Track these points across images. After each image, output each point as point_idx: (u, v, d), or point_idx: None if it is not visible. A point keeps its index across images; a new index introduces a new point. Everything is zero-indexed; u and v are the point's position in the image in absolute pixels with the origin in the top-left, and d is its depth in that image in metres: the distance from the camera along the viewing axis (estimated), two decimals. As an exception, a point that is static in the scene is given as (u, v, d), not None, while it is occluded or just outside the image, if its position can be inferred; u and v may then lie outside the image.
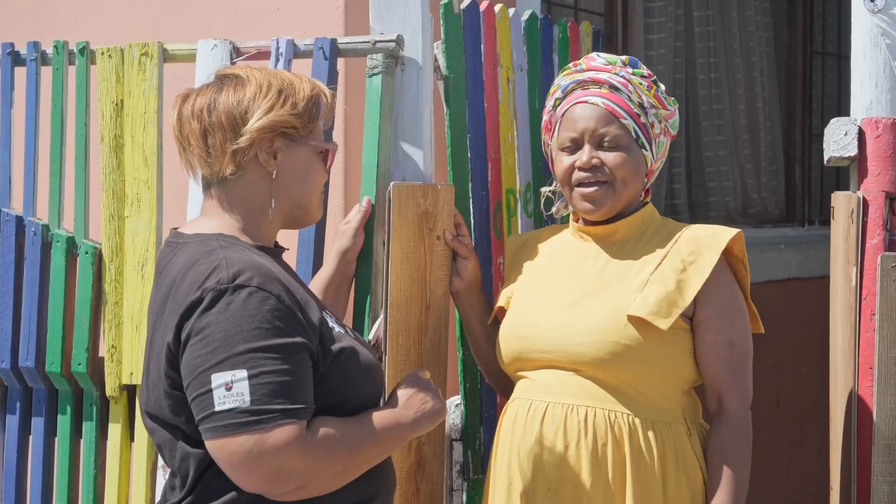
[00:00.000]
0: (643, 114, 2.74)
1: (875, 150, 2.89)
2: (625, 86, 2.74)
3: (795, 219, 5.92)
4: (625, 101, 2.73)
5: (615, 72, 2.76)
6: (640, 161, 2.74)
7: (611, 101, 2.73)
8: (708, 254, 2.69)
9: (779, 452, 5.51)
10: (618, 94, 2.74)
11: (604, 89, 2.75)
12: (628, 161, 2.72)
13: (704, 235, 2.73)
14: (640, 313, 2.63)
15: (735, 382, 2.69)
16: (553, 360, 2.69)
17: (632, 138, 2.73)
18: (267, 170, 2.31)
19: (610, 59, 2.79)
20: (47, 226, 3.30)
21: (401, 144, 2.97)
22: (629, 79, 2.75)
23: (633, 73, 2.76)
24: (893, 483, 2.79)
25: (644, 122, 2.74)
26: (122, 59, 3.20)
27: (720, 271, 2.70)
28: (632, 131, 2.72)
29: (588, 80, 2.77)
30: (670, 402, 2.67)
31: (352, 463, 2.21)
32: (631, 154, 2.72)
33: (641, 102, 2.74)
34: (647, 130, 2.74)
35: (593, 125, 2.72)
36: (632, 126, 2.72)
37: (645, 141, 2.74)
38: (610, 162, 2.71)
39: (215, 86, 2.33)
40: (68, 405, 3.31)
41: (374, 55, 2.96)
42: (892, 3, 2.89)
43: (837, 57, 6.16)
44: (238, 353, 2.11)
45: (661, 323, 2.62)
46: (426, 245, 2.89)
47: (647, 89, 2.75)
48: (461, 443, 3.12)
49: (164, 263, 2.30)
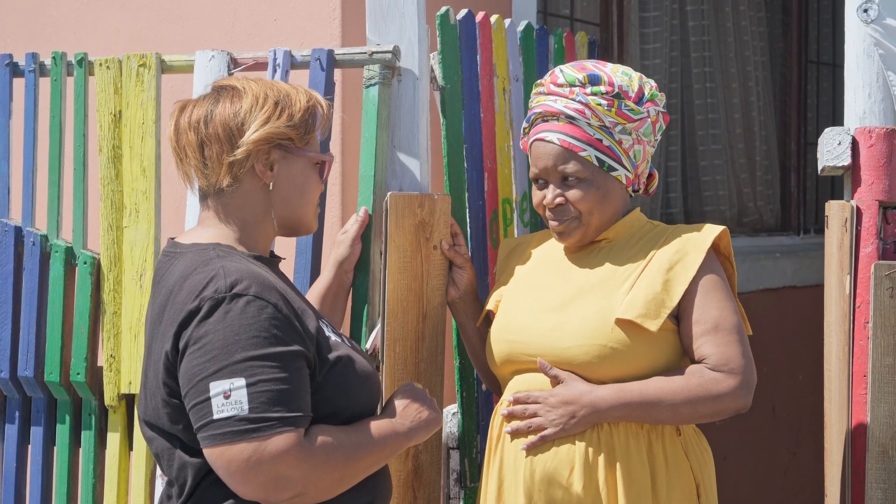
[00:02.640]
0: (606, 136, 2.71)
1: (868, 159, 2.90)
2: (581, 113, 2.70)
3: (790, 227, 5.93)
4: (582, 131, 2.71)
5: (572, 97, 2.72)
6: (610, 185, 2.73)
7: (566, 136, 2.71)
8: (694, 252, 2.69)
9: (775, 460, 5.52)
10: (574, 125, 2.72)
11: (561, 122, 2.72)
12: (591, 194, 2.71)
13: (690, 234, 2.73)
14: (628, 316, 2.63)
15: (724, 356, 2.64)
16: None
17: (595, 167, 2.72)
18: (263, 181, 2.32)
19: (569, 79, 2.73)
20: (46, 236, 3.31)
21: (397, 154, 2.98)
22: (587, 102, 2.71)
23: (591, 94, 2.71)
24: (887, 490, 2.80)
25: (608, 145, 2.71)
26: (121, 70, 3.21)
27: (707, 267, 2.69)
28: (593, 160, 2.71)
29: (546, 112, 2.74)
30: None
31: (349, 471, 2.22)
32: (595, 184, 2.71)
33: (603, 124, 2.71)
34: (612, 151, 2.72)
35: (552, 163, 2.72)
36: (592, 155, 2.71)
37: (613, 162, 2.72)
38: (572, 198, 2.72)
39: (212, 97, 2.33)
40: (67, 414, 3.31)
41: (370, 66, 2.98)
42: (885, 14, 2.90)
43: (832, 66, 6.18)
44: (236, 362, 2.12)
45: (650, 324, 2.63)
46: (423, 254, 2.91)
47: (607, 109, 2.71)
48: (458, 451, 3.13)
49: (161, 273, 2.31)
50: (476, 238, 3.13)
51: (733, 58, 5.72)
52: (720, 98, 5.69)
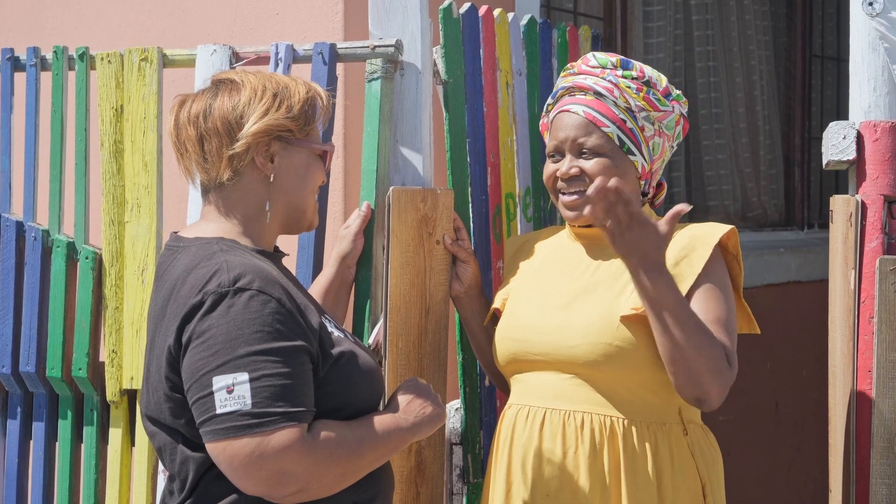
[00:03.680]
0: (630, 118, 2.72)
1: (873, 153, 2.89)
2: (610, 91, 2.72)
3: (795, 222, 5.92)
4: (609, 108, 2.72)
5: (603, 76, 2.74)
6: (627, 167, 2.72)
7: (592, 109, 2.72)
8: (701, 249, 2.67)
9: (779, 456, 5.51)
10: (602, 101, 2.73)
11: (588, 96, 2.74)
12: (609, 168, 2.70)
13: (698, 233, 2.72)
14: (630, 306, 2.62)
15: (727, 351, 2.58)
16: (548, 363, 2.69)
17: (615, 146, 2.71)
18: (264, 173, 2.32)
19: (601, 61, 2.77)
20: (47, 231, 3.30)
21: (400, 149, 2.97)
22: (616, 83, 2.73)
23: (622, 76, 2.74)
24: (892, 485, 2.79)
25: (631, 128, 2.72)
26: (122, 65, 3.20)
27: (713, 264, 2.67)
28: (615, 138, 2.71)
29: (574, 87, 2.76)
30: (665, 402, 2.67)
31: (352, 466, 2.21)
32: (614, 161, 2.71)
33: (629, 107, 2.72)
34: (634, 135, 2.72)
35: (573, 134, 2.72)
36: (615, 133, 2.71)
37: (632, 146, 2.72)
38: (589, 170, 2.71)
39: (211, 91, 2.33)
40: (69, 410, 3.31)
41: (373, 60, 2.97)
42: (890, 7, 2.89)
43: (836, 60, 6.17)
44: (239, 356, 2.12)
45: None
46: (426, 249, 2.90)
47: (635, 92, 2.73)
48: (461, 447, 3.13)
49: (164, 267, 2.31)
50: (479, 233, 3.12)
51: (737, 52, 5.71)
52: (724, 92, 5.68)
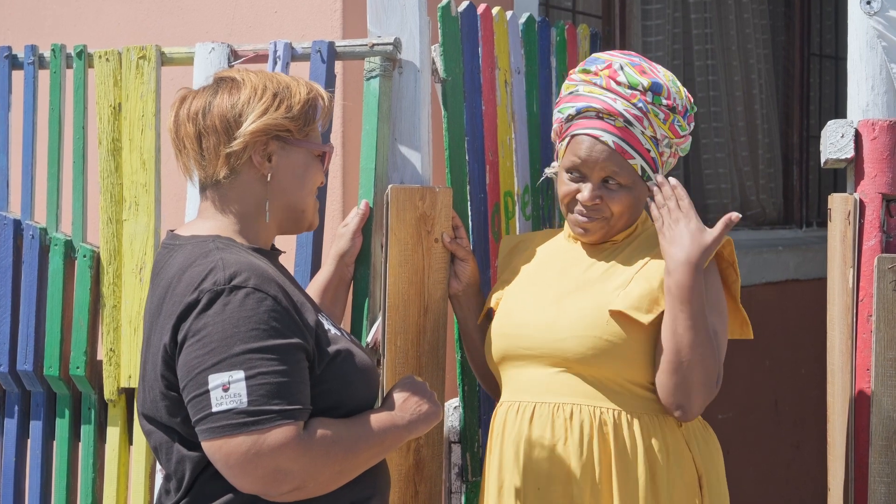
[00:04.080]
0: (654, 148, 2.71)
1: (871, 152, 2.89)
2: (640, 121, 2.69)
3: (793, 221, 5.92)
4: (636, 138, 2.70)
5: (633, 101, 2.70)
6: (643, 193, 2.73)
7: (621, 140, 2.69)
8: None
9: (778, 454, 5.51)
10: (630, 130, 2.69)
11: (618, 123, 2.69)
12: (627, 200, 2.71)
13: None
14: (620, 307, 2.63)
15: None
16: (539, 357, 2.70)
17: (637, 176, 2.71)
18: (261, 172, 2.31)
19: (632, 82, 2.71)
20: (45, 229, 3.30)
21: (399, 147, 2.97)
22: (647, 111, 2.69)
23: (651, 103, 2.70)
24: (890, 484, 2.79)
25: (654, 157, 2.72)
26: (120, 63, 3.20)
27: (707, 277, 2.66)
28: (639, 169, 2.71)
29: (606, 111, 2.70)
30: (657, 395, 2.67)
31: (348, 464, 2.21)
32: (634, 192, 2.72)
33: (654, 136, 2.71)
34: (654, 163, 2.72)
35: (601, 164, 2.69)
36: (640, 164, 2.71)
37: (651, 173, 2.72)
38: (611, 203, 2.71)
39: (212, 89, 2.33)
40: (66, 408, 3.30)
41: (371, 58, 2.96)
42: (888, 6, 2.89)
43: (835, 59, 6.17)
44: (235, 354, 2.11)
45: (642, 318, 2.63)
46: (424, 248, 2.90)
47: (662, 121, 2.71)
48: (459, 445, 3.13)
49: (160, 265, 2.31)
50: (478, 231, 3.12)
51: (736, 50, 5.71)
52: (722, 91, 5.68)
